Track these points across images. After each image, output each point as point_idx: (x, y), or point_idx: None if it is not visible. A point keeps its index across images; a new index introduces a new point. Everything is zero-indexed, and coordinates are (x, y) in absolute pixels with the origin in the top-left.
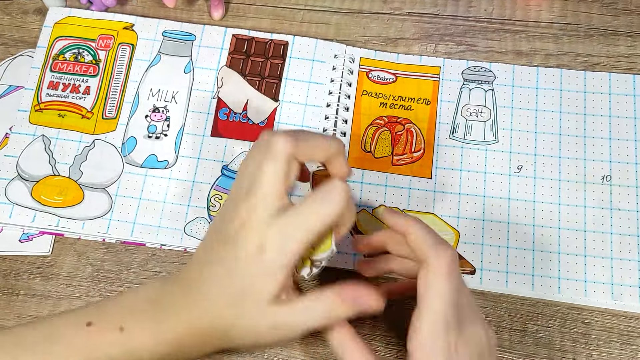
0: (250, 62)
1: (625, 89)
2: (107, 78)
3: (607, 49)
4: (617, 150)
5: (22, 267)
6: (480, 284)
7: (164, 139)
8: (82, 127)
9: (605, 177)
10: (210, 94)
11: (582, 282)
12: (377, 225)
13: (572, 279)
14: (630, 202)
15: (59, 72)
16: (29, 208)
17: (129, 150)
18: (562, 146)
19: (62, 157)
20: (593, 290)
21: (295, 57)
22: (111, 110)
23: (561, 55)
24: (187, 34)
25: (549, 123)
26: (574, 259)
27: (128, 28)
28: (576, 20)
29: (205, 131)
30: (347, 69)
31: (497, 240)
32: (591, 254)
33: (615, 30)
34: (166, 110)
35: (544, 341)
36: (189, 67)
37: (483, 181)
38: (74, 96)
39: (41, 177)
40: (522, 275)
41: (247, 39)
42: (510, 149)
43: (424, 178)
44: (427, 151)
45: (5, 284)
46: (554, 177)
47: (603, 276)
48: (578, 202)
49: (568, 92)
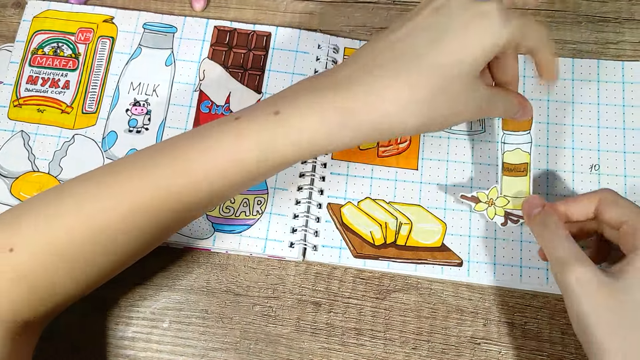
0: (232, 54)
1: (614, 77)
2: (86, 72)
3: (596, 36)
4: (605, 139)
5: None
6: (468, 276)
7: (145, 133)
8: (62, 122)
9: (594, 166)
10: (192, 86)
11: None
12: (362, 218)
13: None
14: (619, 191)
15: (38, 67)
16: (8, 205)
17: (110, 145)
18: (550, 135)
19: (41, 153)
20: None
21: (278, 48)
22: (91, 105)
23: None
24: (168, 26)
25: (536, 112)
26: None
27: (108, 21)
28: (564, 7)
29: (187, 125)
30: (330, 60)
31: (484, 232)
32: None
33: (603, 16)
34: (147, 104)
35: (533, 333)
36: (170, 59)
37: (470, 172)
38: (53, 91)
39: (20, 174)
40: (510, 266)
41: (229, 30)
42: (497, 139)
43: (410, 169)
44: (413, 142)
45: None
46: (542, 167)
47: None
48: (566, 192)
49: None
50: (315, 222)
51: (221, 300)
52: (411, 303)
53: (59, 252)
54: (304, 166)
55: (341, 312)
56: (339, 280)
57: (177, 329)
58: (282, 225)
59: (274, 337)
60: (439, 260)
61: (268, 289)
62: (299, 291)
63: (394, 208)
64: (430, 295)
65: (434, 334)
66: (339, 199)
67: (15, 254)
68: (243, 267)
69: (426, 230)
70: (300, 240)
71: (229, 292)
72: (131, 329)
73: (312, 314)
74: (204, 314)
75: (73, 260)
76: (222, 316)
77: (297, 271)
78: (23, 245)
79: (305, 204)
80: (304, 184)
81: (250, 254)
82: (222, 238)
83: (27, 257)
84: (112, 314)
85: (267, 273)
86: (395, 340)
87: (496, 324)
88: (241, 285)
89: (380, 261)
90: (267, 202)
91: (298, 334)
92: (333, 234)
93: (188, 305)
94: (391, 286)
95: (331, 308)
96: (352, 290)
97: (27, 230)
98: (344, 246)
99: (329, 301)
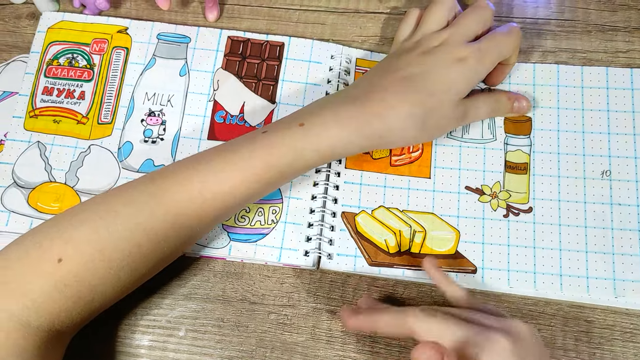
0: (246, 64)
1: (623, 83)
2: (102, 82)
3: (605, 45)
4: (616, 145)
5: None
6: (482, 283)
7: (160, 143)
8: (78, 132)
9: (605, 172)
10: (206, 96)
11: (584, 279)
12: (377, 227)
13: (574, 276)
14: (631, 197)
15: (53, 78)
16: (26, 215)
17: (126, 155)
18: (561, 142)
19: (58, 164)
20: (595, 286)
21: (292, 58)
22: (107, 115)
23: (559, 51)
24: (181, 36)
25: (547, 119)
26: (575, 255)
27: (122, 31)
28: (574, 17)
29: (202, 134)
30: (343, 70)
31: (498, 239)
32: (592, 250)
33: (613, 25)
34: (162, 114)
35: (546, 340)
36: (184, 70)
37: (482, 179)
38: (68, 101)
39: (37, 184)
40: (524, 273)
41: (243, 40)
42: (500, 139)
43: (423, 178)
44: (425, 151)
45: None
46: (553, 174)
47: (605, 272)
48: (578, 198)
49: (565, 88)
50: (330, 231)
51: (237, 308)
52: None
53: (107, 259)
54: (318, 175)
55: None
56: (354, 288)
57: (193, 337)
58: (297, 234)
59: (289, 345)
60: (453, 268)
61: (283, 297)
62: (314, 299)
63: (408, 216)
64: (445, 302)
65: None
66: (353, 207)
67: (64, 264)
68: (258, 276)
69: (440, 238)
70: (315, 249)
71: (245, 301)
72: (147, 338)
73: (327, 322)
74: (220, 322)
75: (119, 267)
76: (238, 324)
77: (311, 279)
78: (73, 255)
79: (319, 213)
80: (318, 193)
81: (266, 262)
82: (238, 247)
83: (75, 267)
84: (129, 323)
85: (282, 281)
86: (410, 348)
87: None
88: (256, 293)
89: (395, 269)
90: (281, 211)
91: (313, 342)
92: (348, 242)
93: (204, 313)
94: (405, 294)
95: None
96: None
97: (79, 240)
98: (359, 254)
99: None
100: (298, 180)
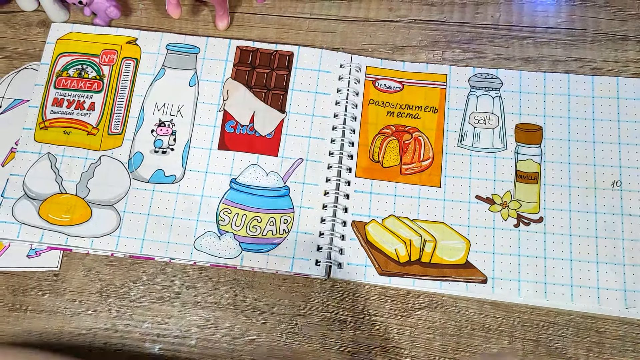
0: (255, 74)
1: (634, 93)
2: (111, 93)
3: (616, 54)
4: (626, 155)
5: (30, 283)
6: (493, 293)
7: (170, 154)
8: (88, 143)
9: (616, 183)
10: (216, 106)
11: (594, 290)
12: (387, 236)
13: (585, 286)
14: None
15: (63, 89)
16: (37, 227)
17: (136, 166)
18: (571, 152)
19: (68, 175)
20: (606, 297)
21: (301, 67)
22: (117, 126)
23: (569, 61)
24: (191, 46)
25: (557, 129)
26: (586, 266)
27: (131, 42)
28: (584, 26)
29: (212, 144)
30: (353, 78)
31: (509, 249)
32: (603, 261)
33: (623, 35)
34: (172, 124)
35: (558, 350)
36: (193, 80)
37: (492, 189)
38: (79, 113)
39: (48, 196)
40: (535, 283)
41: (252, 50)
42: (511, 148)
43: (433, 187)
44: (436, 159)
45: (13, 300)
46: (564, 184)
47: (616, 283)
48: (589, 209)
49: (576, 97)
50: (340, 240)
51: (247, 317)
52: (436, 321)
53: None
54: (328, 184)
55: (367, 330)
56: (364, 297)
57: (204, 346)
58: (308, 244)
59: (300, 355)
60: (464, 278)
61: (294, 307)
62: (324, 309)
63: (418, 225)
64: (455, 312)
65: (460, 351)
66: (364, 216)
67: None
68: (269, 285)
69: (450, 248)
70: (326, 258)
71: (255, 310)
72: (158, 347)
73: (337, 332)
74: (231, 331)
75: None
76: (249, 333)
77: (322, 289)
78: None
79: (330, 222)
80: (329, 202)
81: (277, 271)
82: (250, 257)
83: None
84: (140, 332)
85: (293, 290)
86: (421, 357)
87: (521, 341)
88: (267, 302)
89: (405, 279)
90: (293, 220)
91: (324, 352)
92: (358, 252)
93: (214, 322)
94: (416, 304)
95: (357, 325)
96: (378, 307)
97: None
98: (369, 264)
99: (355, 319)
100: (309, 189)
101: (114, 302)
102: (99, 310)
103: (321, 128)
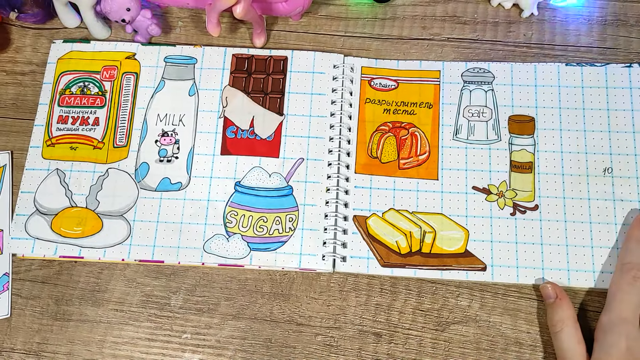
0: (252, 80)
1: (622, 82)
2: (114, 107)
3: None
4: (616, 143)
5: (73, 293)
6: (492, 279)
7: (175, 162)
8: (95, 157)
9: (607, 169)
10: (216, 113)
11: (590, 273)
12: (388, 229)
13: (582, 270)
14: (632, 193)
15: (67, 106)
16: (50, 241)
17: (143, 176)
18: (564, 141)
19: (77, 189)
20: (602, 280)
21: (296, 70)
22: (121, 139)
23: None
24: (188, 57)
25: (549, 119)
26: (581, 251)
27: (130, 57)
28: (615, 45)
29: (215, 150)
30: (347, 78)
31: (506, 237)
32: (598, 245)
33: None
34: (175, 134)
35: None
36: (193, 89)
37: (488, 179)
38: (84, 128)
39: (59, 210)
40: (532, 269)
41: (247, 57)
42: (505, 139)
43: (431, 180)
44: (432, 153)
45: (57, 310)
46: (557, 172)
47: (610, 266)
48: (582, 195)
49: (566, 88)
50: (343, 234)
51: (284, 329)
52: (470, 335)
53: None
54: (329, 181)
55: (401, 343)
56: (399, 311)
57: (242, 357)
58: (314, 240)
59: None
60: (464, 266)
61: (330, 319)
62: (359, 322)
63: (417, 217)
64: (489, 327)
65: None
66: (364, 211)
67: None
68: (305, 298)
69: (450, 238)
70: (331, 253)
71: (292, 322)
72: (197, 357)
73: (373, 345)
74: (268, 342)
75: None
76: (286, 345)
77: (357, 302)
78: None
79: (332, 217)
80: (330, 198)
81: (283, 268)
82: (259, 256)
83: None
84: (179, 342)
85: (329, 303)
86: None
87: (554, 357)
88: (303, 315)
89: (407, 269)
90: (298, 218)
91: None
92: (360, 245)
93: (252, 334)
94: (450, 318)
95: (392, 339)
96: (412, 321)
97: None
98: (372, 256)
99: (390, 332)
100: (311, 187)
101: (154, 313)
102: (140, 320)
103: (319, 127)
